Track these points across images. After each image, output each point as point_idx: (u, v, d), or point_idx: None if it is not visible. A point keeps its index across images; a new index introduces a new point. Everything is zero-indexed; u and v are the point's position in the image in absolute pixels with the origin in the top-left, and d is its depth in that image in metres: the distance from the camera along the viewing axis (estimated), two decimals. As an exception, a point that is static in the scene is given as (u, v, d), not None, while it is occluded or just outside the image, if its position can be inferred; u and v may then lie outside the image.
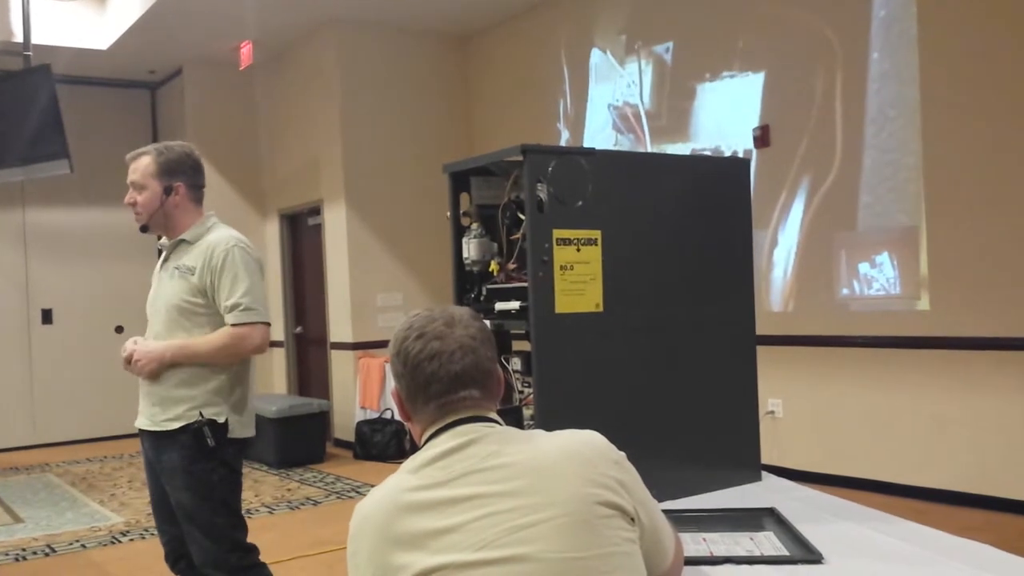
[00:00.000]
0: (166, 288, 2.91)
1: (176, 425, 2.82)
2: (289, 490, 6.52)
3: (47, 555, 5.06)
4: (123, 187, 2.94)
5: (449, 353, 1.46)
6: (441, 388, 1.46)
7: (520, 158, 2.16)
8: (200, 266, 2.84)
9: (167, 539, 3.03)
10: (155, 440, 2.90)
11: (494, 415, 1.50)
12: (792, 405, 5.86)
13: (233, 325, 2.81)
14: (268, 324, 2.89)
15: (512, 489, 1.35)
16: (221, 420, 2.84)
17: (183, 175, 2.94)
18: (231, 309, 2.80)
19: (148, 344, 2.88)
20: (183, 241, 2.94)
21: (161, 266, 3.00)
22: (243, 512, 3.00)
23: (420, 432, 1.51)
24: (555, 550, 1.31)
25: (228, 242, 2.87)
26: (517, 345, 2.44)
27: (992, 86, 4.89)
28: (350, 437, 7.67)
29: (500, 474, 1.37)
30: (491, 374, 1.51)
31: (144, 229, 2.98)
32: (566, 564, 1.31)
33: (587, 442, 1.44)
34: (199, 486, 2.82)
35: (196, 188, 2.99)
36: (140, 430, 2.97)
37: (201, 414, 2.81)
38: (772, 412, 5.89)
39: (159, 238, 3.06)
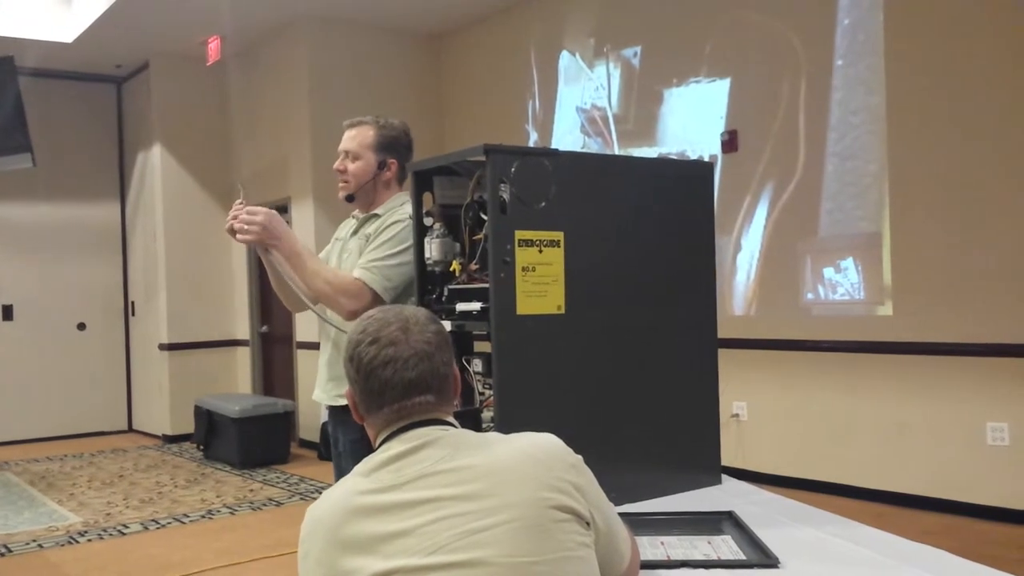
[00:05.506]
0: (353, 259, 2.81)
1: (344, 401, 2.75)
2: (252, 491, 6.46)
3: (3, 555, 4.98)
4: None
5: (404, 360, 1.44)
6: (395, 395, 1.44)
7: (483, 158, 2.14)
8: (374, 234, 2.79)
9: None
10: (332, 414, 2.87)
11: (450, 418, 1.49)
12: (757, 408, 5.90)
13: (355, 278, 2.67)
14: (376, 296, 2.65)
15: (466, 492, 1.33)
16: None
17: (398, 152, 2.90)
18: (360, 265, 2.70)
19: (255, 209, 2.64)
20: (375, 215, 2.87)
21: (350, 236, 2.91)
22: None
23: (375, 435, 1.49)
24: (508, 554, 1.29)
25: (404, 215, 2.73)
26: (479, 346, 2.42)
27: (957, 94, 4.95)
28: (315, 437, 7.62)
29: (454, 477, 1.35)
30: (447, 379, 1.49)
31: (350, 199, 2.89)
32: (519, 568, 1.29)
33: (543, 446, 1.43)
34: None
35: (405, 168, 2.92)
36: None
37: None
38: (737, 415, 5.92)
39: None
